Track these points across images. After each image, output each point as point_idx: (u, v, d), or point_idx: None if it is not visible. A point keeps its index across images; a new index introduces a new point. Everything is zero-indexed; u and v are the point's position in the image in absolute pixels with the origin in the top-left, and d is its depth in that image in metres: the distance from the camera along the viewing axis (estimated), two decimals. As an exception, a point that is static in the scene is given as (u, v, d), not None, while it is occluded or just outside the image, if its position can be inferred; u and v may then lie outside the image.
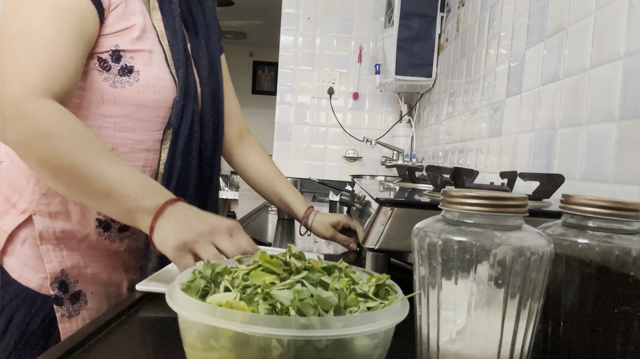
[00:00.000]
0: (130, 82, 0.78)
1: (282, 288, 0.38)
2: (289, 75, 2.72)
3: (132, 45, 0.78)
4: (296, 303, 0.36)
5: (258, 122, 7.46)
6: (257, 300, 0.37)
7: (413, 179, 1.04)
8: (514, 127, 1.14)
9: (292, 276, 0.41)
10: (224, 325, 0.34)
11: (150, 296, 0.66)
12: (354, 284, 0.41)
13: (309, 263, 0.43)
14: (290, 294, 0.37)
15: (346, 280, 0.41)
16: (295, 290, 0.37)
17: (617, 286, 0.41)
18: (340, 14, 2.68)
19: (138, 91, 0.79)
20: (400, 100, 2.62)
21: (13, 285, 0.78)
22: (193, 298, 0.38)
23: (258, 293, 0.38)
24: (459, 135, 1.64)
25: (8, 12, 0.70)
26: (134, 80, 0.78)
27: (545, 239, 0.39)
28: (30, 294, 0.78)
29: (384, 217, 0.63)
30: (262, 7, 5.41)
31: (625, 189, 0.69)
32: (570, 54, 0.89)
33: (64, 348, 0.47)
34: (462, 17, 1.74)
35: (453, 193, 0.40)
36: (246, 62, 7.51)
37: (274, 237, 1.22)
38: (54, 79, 0.68)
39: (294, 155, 2.74)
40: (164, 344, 0.52)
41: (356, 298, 0.39)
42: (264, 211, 1.76)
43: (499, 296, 0.37)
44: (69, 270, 0.80)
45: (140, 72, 0.79)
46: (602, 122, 0.76)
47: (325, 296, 0.37)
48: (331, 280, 0.41)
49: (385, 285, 0.43)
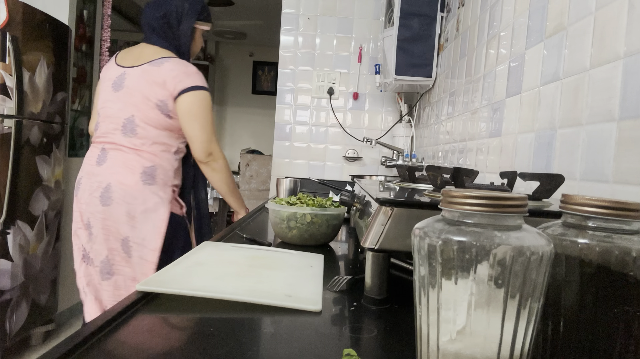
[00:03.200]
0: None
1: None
2: (289, 75, 2.72)
3: None
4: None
5: (258, 122, 7.48)
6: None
7: (413, 179, 1.04)
8: (514, 127, 1.14)
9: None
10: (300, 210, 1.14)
11: (150, 296, 0.66)
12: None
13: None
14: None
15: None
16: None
17: (617, 286, 0.41)
18: (340, 14, 2.68)
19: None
20: (400, 100, 2.62)
21: (175, 215, 1.67)
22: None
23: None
24: (459, 135, 1.64)
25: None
26: None
27: (545, 239, 0.39)
28: (179, 216, 1.70)
29: (384, 217, 0.63)
30: (262, 7, 5.41)
31: (625, 189, 0.69)
32: (570, 54, 0.89)
33: (64, 348, 0.47)
34: (462, 17, 1.74)
35: (453, 193, 0.40)
36: (246, 62, 7.50)
37: (274, 237, 1.23)
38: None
39: (294, 155, 2.74)
40: (164, 344, 0.52)
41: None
42: (264, 211, 1.76)
43: (498, 296, 0.37)
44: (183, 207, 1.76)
45: None
46: (602, 122, 0.76)
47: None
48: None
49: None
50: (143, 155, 1.62)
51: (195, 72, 1.67)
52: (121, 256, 1.58)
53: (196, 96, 1.63)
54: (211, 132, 1.66)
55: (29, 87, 2.43)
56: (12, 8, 2.31)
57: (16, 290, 2.39)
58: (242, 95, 7.56)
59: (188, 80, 1.63)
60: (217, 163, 1.68)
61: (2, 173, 2.29)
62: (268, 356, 0.51)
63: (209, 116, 1.66)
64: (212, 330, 0.56)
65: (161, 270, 0.76)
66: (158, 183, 1.62)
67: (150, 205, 1.59)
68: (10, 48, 2.29)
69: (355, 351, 0.50)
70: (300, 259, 0.92)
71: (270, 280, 0.76)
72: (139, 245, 1.57)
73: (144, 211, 1.58)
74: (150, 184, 1.60)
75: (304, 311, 0.64)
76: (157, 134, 1.63)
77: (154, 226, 1.59)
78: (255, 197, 4.16)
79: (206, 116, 1.65)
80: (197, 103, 1.63)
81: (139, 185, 1.59)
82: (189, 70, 1.66)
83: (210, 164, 1.68)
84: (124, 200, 1.57)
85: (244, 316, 0.62)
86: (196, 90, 1.63)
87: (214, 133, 1.67)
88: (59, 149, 2.73)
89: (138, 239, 1.57)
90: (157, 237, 1.58)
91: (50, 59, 2.61)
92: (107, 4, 3.29)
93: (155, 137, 1.63)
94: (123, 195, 1.57)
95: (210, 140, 1.66)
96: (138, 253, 1.57)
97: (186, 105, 1.62)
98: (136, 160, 1.61)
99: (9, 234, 2.33)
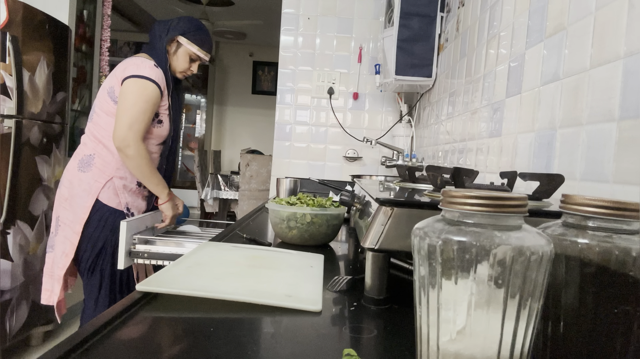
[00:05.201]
0: (160, 127, 1.83)
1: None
2: (289, 75, 2.72)
3: (164, 111, 1.83)
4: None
5: (258, 122, 7.48)
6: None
7: (413, 179, 1.04)
8: (513, 127, 1.14)
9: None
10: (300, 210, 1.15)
11: (150, 296, 0.66)
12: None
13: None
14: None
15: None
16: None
17: (617, 286, 0.41)
18: (340, 14, 2.68)
19: (161, 130, 1.85)
20: (400, 100, 2.62)
21: (104, 206, 1.73)
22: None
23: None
24: (459, 135, 1.64)
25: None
26: (161, 126, 1.84)
27: (545, 239, 0.39)
28: (112, 208, 1.75)
29: (384, 217, 0.63)
30: (262, 7, 5.41)
31: (625, 189, 0.69)
32: (570, 54, 0.89)
33: (64, 348, 0.47)
34: (462, 17, 1.74)
35: (453, 193, 0.40)
36: (246, 62, 7.50)
37: (274, 238, 1.23)
38: (144, 130, 1.75)
39: (294, 155, 2.74)
40: (164, 344, 0.52)
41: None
42: (264, 212, 1.76)
43: (498, 296, 0.37)
44: (128, 201, 1.80)
45: (163, 122, 1.85)
46: (602, 122, 0.76)
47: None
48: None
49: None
50: (87, 143, 1.77)
51: (148, 67, 1.73)
52: (55, 233, 1.77)
53: (135, 83, 1.70)
54: (132, 120, 1.68)
55: (29, 87, 2.43)
56: (12, 8, 2.31)
57: (16, 290, 2.39)
58: (242, 95, 7.56)
59: (136, 69, 1.72)
60: (129, 150, 1.68)
61: (2, 173, 2.29)
62: (268, 356, 0.51)
63: (138, 104, 1.69)
64: (212, 330, 0.56)
65: (161, 270, 0.76)
66: (92, 172, 1.73)
67: (79, 191, 1.72)
68: (10, 48, 2.29)
69: (355, 351, 0.49)
70: (300, 259, 0.92)
71: (270, 280, 0.76)
72: (66, 226, 1.73)
73: (73, 196, 1.73)
74: (84, 171, 1.73)
75: (304, 311, 0.64)
76: (106, 121, 1.74)
77: (78, 212, 1.71)
78: (255, 197, 4.16)
79: (134, 103, 1.69)
80: (131, 88, 1.70)
81: (74, 171, 1.75)
82: (143, 64, 1.74)
83: (123, 150, 1.69)
84: (63, 184, 1.77)
85: (244, 316, 0.62)
86: (137, 78, 1.70)
87: (137, 123, 1.69)
88: (59, 149, 2.73)
89: (66, 220, 1.73)
90: (78, 222, 1.71)
91: (50, 59, 2.60)
92: (107, 4, 3.29)
93: (105, 124, 1.74)
94: (63, 179, 1.78)
95: (128, 127, 1.68)
96: (63, 233, 1.73)
97: (123, 90, 1.71)
98: (80, 148, 1.79)
99: (9, 234, 2.33)
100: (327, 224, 1.11)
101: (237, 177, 4.72)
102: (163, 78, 1.78)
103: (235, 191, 4.71)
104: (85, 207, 1.71)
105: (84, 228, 1.70)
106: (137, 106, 1.70)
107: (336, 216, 1.12)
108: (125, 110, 1.69)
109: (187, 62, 1.87)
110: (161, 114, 1.82)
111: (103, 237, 1.72)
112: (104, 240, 1.72)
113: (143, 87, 1.71)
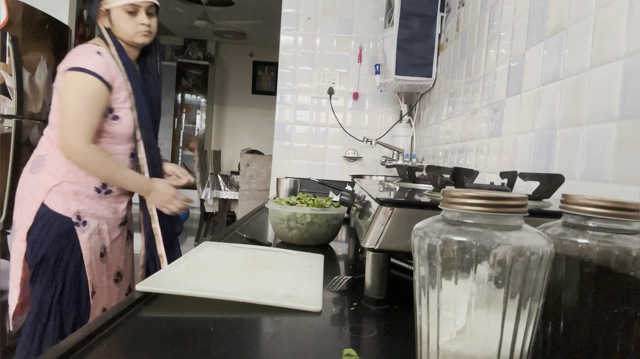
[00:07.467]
0: (116, 123, 1.56)
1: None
2: (289, 75, 2.72)
3: (120, 104, 1.56)
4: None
5: (258, 122, 7.48)
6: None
7: (413, 179, 1.04)
8: (514, 127, 1.14)
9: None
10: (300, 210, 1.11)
11: (150, 296, 0.66)
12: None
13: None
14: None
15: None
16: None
17: (617, 286, 0.41)
18: (340, 14, 2.68)
19: (120, 128, 1.58)
20: (400, 100, 2.62)
21: (50, 211, 1.50)
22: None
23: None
24: (459, 135, 1.64)
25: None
26: (119, 122, 1.56)
27: (545, 239, 0.39)
28: (58, 214, 1.50)
29: (384, 217, 0.63)
30: (262, 7, 5.41)
31: (625, 189, 0.69)
32: (570, 54, 0.89)
33: (63, 348, 0.47)
34: (462, 17, 1.74)
35: (453, 193, 0.40)
36: (246, 62, 7.50)
37: (274, 238, 1.23)
38: (91, 131, 1.49)
39: (294, 155, 2.74)
40: (164, 344, 0.52)
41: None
42: (264, 212, 1.76)
43: (499, 296, 0.37)
44: (80, 208, 1.54)
45: (121, 118, 1.57)
46: (602, 122, 0.76)
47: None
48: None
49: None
50: (44, 142, 1.57)
51: (89, 54, 1.48)
52: (12, 239, 1.59)
53: (71, 77, 1.46)
54: (74, 122, 1.44)
55: (28, 87, 2.43)
56: (12, 8, 2.31)
57: (16, 290, 2.39)
58: (242, 95, 7.56)
59: (74, 60, 1.48)
60: (77, 157, 1.47)
61: (2, 173, 2.29)
62: (268, 356, 0.51)
63: (78, 103, 1.44)
64: (212, 330, 0.56)
65: (161, 270, 0.76)
66: (41, 174, 1.52)
67: (26, 194, 1.53)
68: (10, 48, 2.29)
69: (355, 351, 0.49)
70: (300, 259, 0.92)
71: (270, 280, 0.76)
72: (16, 231, 1.55)
73: (22, 200, 1.54)
74: (34, 173, 1.53)
75: (304, 311, 0.64)
76: (57, 120, 1.53)
77: (24, 217, 1.51)
78: (255, 197, 4.16)
79: (73, 102, 1.44)
80: (68, 85, 1.46)
81: (26, 173, 1.56)
82: (85, 51, 1.49)
83: (70, 158, 1.48)
84: (18, 185, 1.59)
85: (244, 316, 0.62)
86: (74, 71, 1.45)
87: (81, 125, 1.44)
88: (59, 149, 2.73)
89: (16, 225, 1.55)
90: (23, 228, 1.50)
91: (50, 59, 2.60)
92: (107, 4, 3.28)
93: (57, 123, 1.51)
94: (20, 180, 1.59)
95: (70, 132, 1.44)
96: (17, 237, 1.54)
97: (61, 86, 1.48)
98: (37, 147, 1.59)
99: (9, 234, 2.33)
100: (327, 224, 1.11)
101: (237, 177, 4.72)
102: (110, 64, 1.49)
103: (235, 192, 4.71)
104: (30, 212, 1.49)
105: (27, 234, 1.48)
106: (76, 106, 1.44)
107: (336, 216, 1.12)
108: (65, 113, 1.45)
109: (129, 19, 1.53)
110: (116, 109, 1.53)
111: (46, 245, 1.47)
112: (46, 248, 1.47)
113: (81, 82, 1.44)
